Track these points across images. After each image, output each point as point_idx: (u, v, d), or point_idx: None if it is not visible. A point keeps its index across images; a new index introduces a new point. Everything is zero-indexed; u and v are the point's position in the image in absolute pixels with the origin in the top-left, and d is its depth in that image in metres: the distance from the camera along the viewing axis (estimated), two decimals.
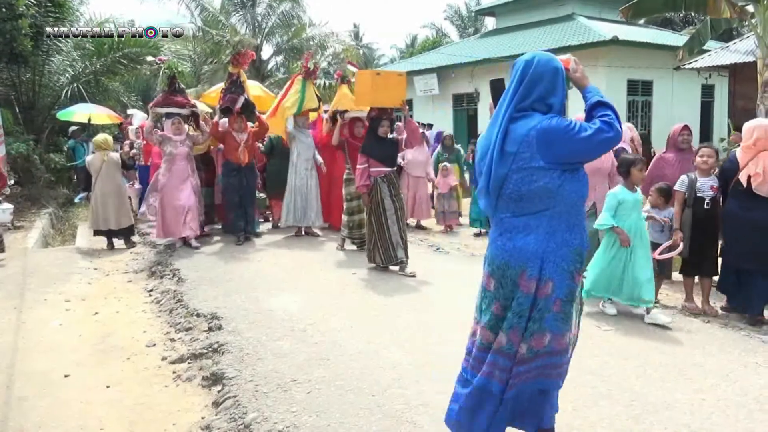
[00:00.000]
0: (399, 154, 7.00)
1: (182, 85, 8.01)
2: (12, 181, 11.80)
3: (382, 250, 6.04)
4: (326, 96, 14.79)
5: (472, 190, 8.37)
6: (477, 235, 8.35)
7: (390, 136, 6.23)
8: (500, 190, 2.33)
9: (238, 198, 7.61)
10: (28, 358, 4.16)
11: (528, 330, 2.32)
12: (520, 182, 2.28)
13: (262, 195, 8.49)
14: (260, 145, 8.39)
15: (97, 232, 7.91)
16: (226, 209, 7.96)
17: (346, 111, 7.29)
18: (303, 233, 8.07)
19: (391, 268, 6.10)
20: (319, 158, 7.99)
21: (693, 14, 21.70)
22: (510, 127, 2.31)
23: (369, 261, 6.22)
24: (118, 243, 7.99)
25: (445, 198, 8.71)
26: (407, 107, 6.27)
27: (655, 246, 4.83)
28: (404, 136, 6.64)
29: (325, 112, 8.10)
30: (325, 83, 19.63)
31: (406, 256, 6.06)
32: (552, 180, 2.24)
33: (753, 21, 9.81)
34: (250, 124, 7.89)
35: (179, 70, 7.46)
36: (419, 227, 8.93)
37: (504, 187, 2.32)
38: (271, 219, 8.98)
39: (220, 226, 8.50)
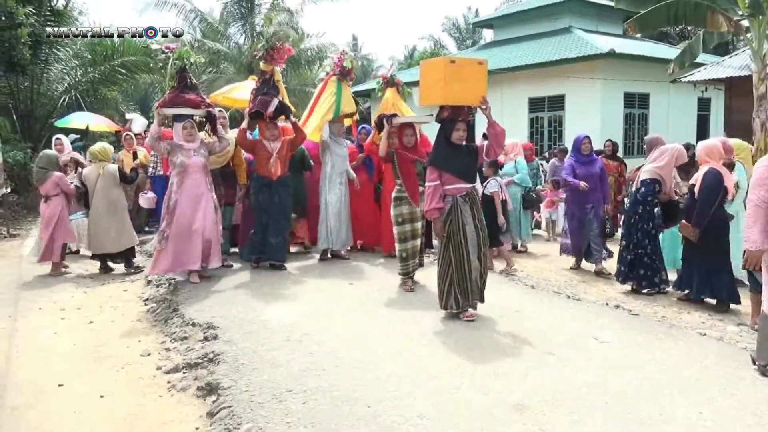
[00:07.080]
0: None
1: (195, 81, 6.57)
2: (8, 189, 11.79)
3: (460, 292, 4.68)
4: None
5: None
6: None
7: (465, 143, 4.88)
8: None
9: (267, 218, 6.41)
10: (20, 367, 4.14)
11: None
12: None
13: (294, 214, 7.11)
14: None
15: (94, 256, 7.06)
16: (253, 230, 6.56)
17: (394, 115, 6.06)
18: (329, 256, 7.05)
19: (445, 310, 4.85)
20: (352, 173, 7.09)
21: (689, 29, 21.88)
22: None
23: (441, 307, 4.82)
24: (117, 266, 7.11)
25: (559, 217, 7.45)
26: (489, 105, 4.82)
27: None
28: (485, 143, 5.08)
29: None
30: None
31: (481, 299, 4.82)
32: None
33: (748, 36, 9.88)
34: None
35: (192, 61, 6.42)
36: None
37: None
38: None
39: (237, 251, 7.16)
